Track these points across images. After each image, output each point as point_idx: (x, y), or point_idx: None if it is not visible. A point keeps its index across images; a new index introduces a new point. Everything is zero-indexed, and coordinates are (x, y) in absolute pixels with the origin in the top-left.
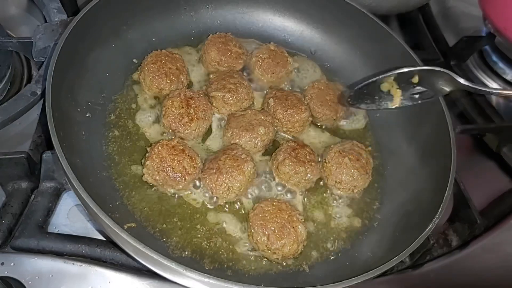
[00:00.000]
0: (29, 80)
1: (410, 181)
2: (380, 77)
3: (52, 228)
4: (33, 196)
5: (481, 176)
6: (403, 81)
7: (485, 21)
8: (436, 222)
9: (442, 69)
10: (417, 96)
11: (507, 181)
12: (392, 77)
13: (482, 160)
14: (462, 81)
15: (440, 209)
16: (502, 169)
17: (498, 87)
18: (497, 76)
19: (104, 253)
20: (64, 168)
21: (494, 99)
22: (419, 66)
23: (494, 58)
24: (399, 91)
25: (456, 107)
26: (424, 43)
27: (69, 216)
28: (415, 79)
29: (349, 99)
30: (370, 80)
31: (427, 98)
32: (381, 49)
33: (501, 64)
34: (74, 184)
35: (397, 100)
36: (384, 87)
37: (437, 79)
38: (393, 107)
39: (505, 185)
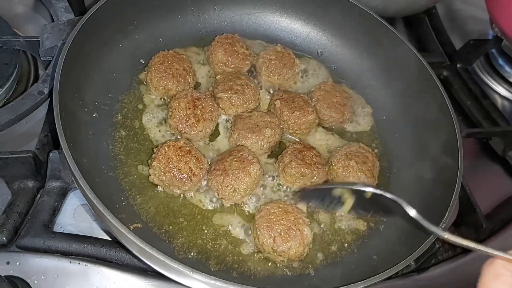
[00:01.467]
0: (35, 79)
1: (416, 184)
2: (330, 186)
3: (57, 228)
4: (39, 195)
5: (486, 180)
6: (357, 191)
7: (492, 24)
8: (443, 227)
9: (393, 197)
10: (371, 210)
11: None
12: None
13: (487, 164)
14: (412, 213)
15: (447, 214)
16: (507, 173)
17: (504, 90)
18: (503, 79)
19: (110, 253)
20: (71, 168)
21: (500, 102)
22: (373, 187)
23: (501, 61)
24: (351, 201)
25: (461, 111)
26: (430, 46)
27: (75, 215)
28: (368, 194)
29: (298, 198)
30: (322, 187)
31: (381, 215)
32: (387, 52)
33: (507, 68)
34: (81, 184)
35: (347, 207)
36: (337, 191)
37: (390, 202)
38: (342, 214)
39: (510, 189)
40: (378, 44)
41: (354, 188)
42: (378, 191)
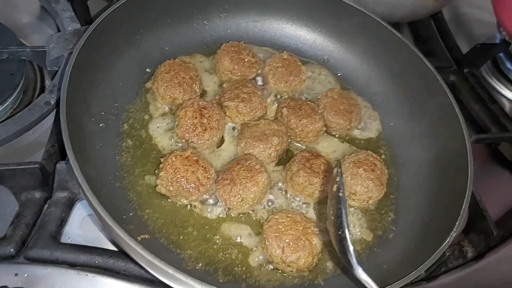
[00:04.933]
0: (41, 89)
1: (425, 192)
2: None
3: (65, 238)
4: (46, 205)
5: (496, 185)
6: None
7: (499, 28)
8: (454, 235)
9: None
10: None
11: None
12: None
13: (496, 169)
14: None
15: (457, 223)
16: None
17: (511, 94)
18: (511, 83)
19: (117, 264)
20: (79, 180)
21: (508, 106)
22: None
23: (509, 65)
24: None
25: (469, 115)
26: (437, 50)
27: (82, 226)
28: None
29: None
30: None
31: None
32: (394, 58)
33: None
34: (88, 196)
35: None
36: None
37: None
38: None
39: None
40: (384, 50)
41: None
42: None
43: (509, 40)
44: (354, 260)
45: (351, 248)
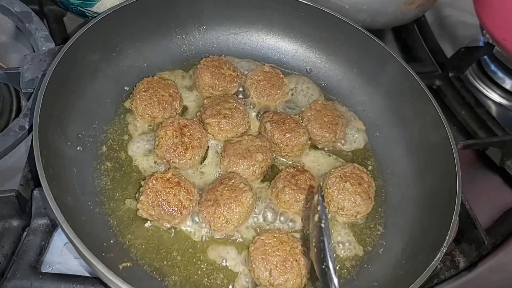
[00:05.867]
0: (18, 111)
1: (413, 203)
2: None
3: (45, 267)
4: (25, 233)
5: (485, 191)
6: None
7: (483, 31)
8: (444, 251)
9: None
10: None
11: None
12: None
13: (485, 174)
14: None
15: (447, 238)
16: (506, 183)
17: (498, 97)
18: (497, 85)
19: None
20: (54, 210)
21: (494, 109)
22: None
23: (493, 67)
24: None
25: (455, 121)
26: (421, 55)
27: (63, 253)
28: None
29: None
30: None
31: None
32: (378, 66)
33: (500, 74)
34: (64, 228)
35: None
36: None
37: None
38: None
39: (510, 199)
40: (367, 59)
41: None
42: None
43: (493, 42)
44: None
45: (335, 281)
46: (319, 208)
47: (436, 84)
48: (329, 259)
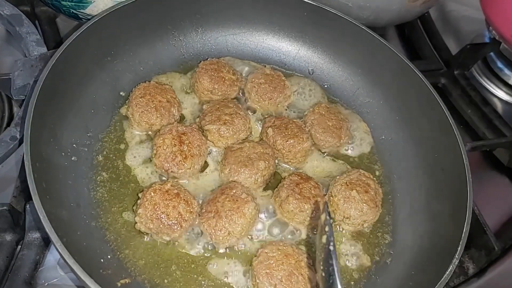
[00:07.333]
0: (10, 118)
1: (422, 210)
2: None
3: (41, 282)
4: (19, 247)
5: (493, 192)
6: None
7: (488, 27)
8: (456, 263)
9: None
10: None
11: None
12: None
13: (493, 176)
14: None
15: (459, 248)
16: None
17: (504, 94)
18: (503, 82)
19: None
20: (47, 229)
21: (500, 107)
22: None
23: (500, 64)
24: None
25: (462, 120)
26: (425, 52)
27: (59, 266)
28: None
29: None
30: None
31: None
32: (382, 66)
33: (507, 71)
34: (58, 247)
35: None
36: None
37: None
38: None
39: None
40: (371, 59)
41: None
42: None
43: (499, 39)
44: None
45: None
46: (327, 229)
47: (441, 82)
48: (338, 285)
